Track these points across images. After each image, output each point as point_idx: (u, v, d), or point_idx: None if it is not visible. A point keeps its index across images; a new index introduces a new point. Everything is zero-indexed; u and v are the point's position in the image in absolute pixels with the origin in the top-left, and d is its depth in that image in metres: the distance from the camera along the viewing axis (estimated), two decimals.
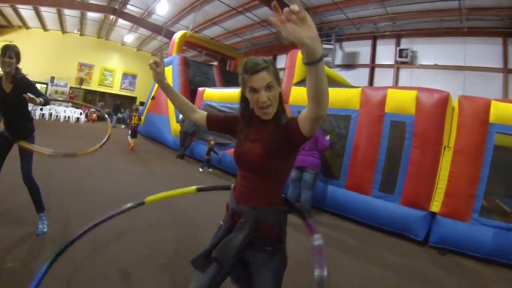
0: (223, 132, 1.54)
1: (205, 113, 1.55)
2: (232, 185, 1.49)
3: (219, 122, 1.53)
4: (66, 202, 3.85)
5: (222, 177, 7.32)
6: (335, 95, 5.36)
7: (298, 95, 5.69)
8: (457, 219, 4.04)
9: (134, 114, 9.46)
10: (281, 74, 8.92)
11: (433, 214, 4.27)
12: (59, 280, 2.18)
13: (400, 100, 4.58)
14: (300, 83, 5.96)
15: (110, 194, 4.49)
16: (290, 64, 6.15)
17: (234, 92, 8.07)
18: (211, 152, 7.59)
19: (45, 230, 2.90)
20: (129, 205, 1.93)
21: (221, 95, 8.52)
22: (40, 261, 2.41)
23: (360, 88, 5.10)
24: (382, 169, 4.65)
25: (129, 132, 9.48)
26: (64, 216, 3.41)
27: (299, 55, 6.06)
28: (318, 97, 1.01)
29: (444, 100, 4.28)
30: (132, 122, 9.33)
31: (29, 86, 2.76)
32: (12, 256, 2.43)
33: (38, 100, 2.54)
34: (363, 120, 4.90)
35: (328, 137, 4.78)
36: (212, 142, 7.55)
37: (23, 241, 2.71)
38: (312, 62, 0.90)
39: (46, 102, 2.73)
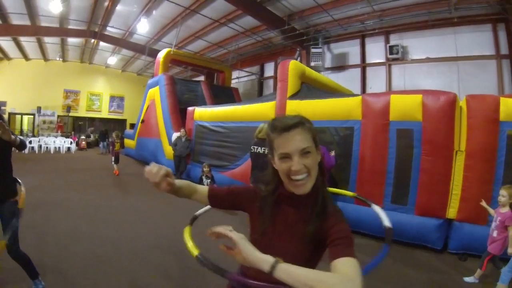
0: (231, 209, 1.25)
1: (206, 188, 1.25)
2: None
3: (224, 197, 1.23)
4: (62, 256, 3.53)
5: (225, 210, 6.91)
6: (333, 106, 5.12)
7: (295, 109, 5.42)
8: (475, 223, 3.91)
9: (116, 141, 9.51)
10: (270, 82, 8.77)
11: (450, 221, 4.12)
12: None
13: (405, 106, 4.33)
14: (295, 96, 5.70)
15: (107, 239, 4.13)
16: (282, 76, 5.84)
17: (226, 110, 7.79)
18: (205, 179, 6.84)
19: None
20: None
21: (212, 114, 8.24)
22: None
23: (360, 97, 4.83)
24: (393, 181, 4.41)
25: (112, 158, 9.58)
26: (63, 275, 3.09)
27: (291, 65, 5.80)
28: None
29: (452, 102, 4.06)
30: (116, 148, 9.52)
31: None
32: None
33: (12, 135, 2.31)
34: (367, 131, 4.63)
35: (333, 153, 4.52)
36: (205, 169, 6.84)
37: None
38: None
39: (23, 144, 2.51)
